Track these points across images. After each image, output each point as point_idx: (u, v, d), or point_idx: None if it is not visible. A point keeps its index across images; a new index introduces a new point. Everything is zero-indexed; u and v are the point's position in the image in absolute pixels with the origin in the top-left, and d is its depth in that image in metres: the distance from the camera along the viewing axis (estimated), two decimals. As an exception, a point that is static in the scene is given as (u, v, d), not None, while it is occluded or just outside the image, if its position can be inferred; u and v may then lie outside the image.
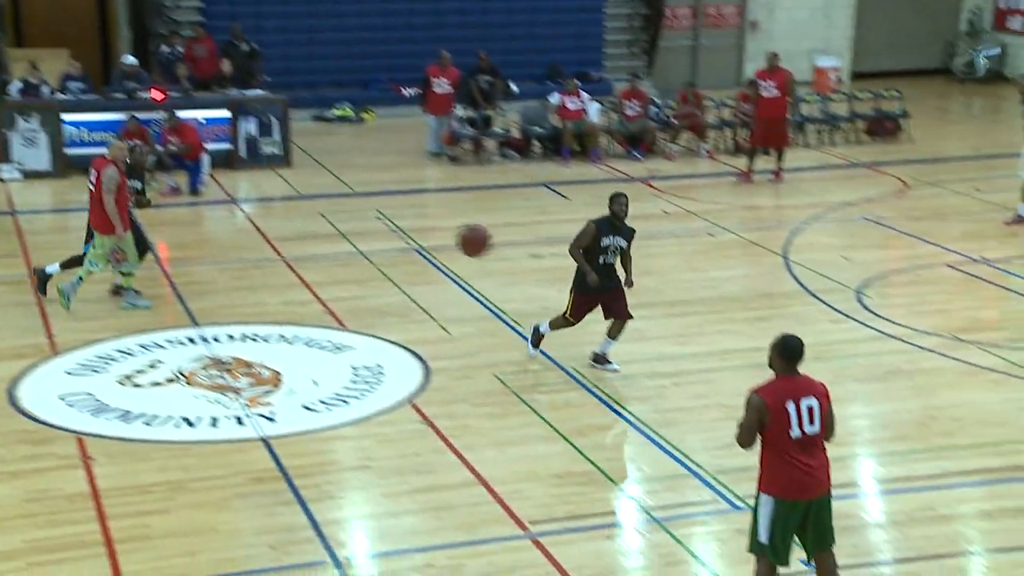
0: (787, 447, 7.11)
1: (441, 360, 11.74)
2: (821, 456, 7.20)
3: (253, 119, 19.61)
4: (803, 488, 7.13)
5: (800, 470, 7.11)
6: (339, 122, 23.30)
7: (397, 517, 8.94)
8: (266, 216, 17.29)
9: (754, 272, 14.38)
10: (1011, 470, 9.46)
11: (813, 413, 7.12)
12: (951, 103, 25.71)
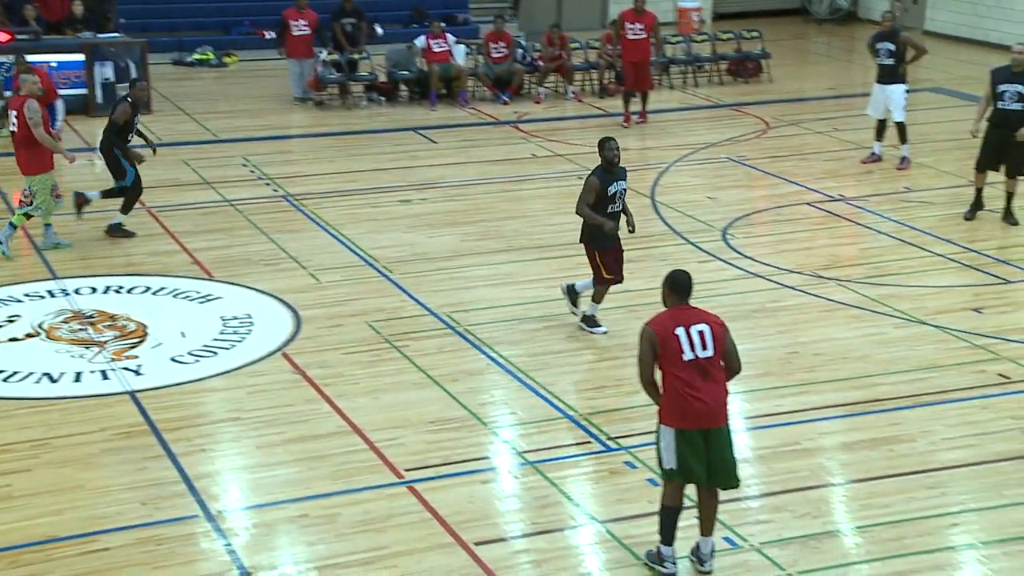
0: (682, 373, 7.19)
1: (311, 309, 11.61)
2: (717, 386, 7.28)
3: (109, 63, 19.00)
4: (698, 417, 7.22)
5: (695, 399, 7.19)
6: (200, 67, 22.72)
7: (270, 468, 8.85)
8: (127, 164, 16.78)
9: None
10: (869, 403, 9.75)
11: (705, 337, 7.22)
12: (809, 44, 26.15)
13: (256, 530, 8.09)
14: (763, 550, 7.77)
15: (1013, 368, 10.28)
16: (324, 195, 15.19)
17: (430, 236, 13.72)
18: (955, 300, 11.79)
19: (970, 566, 7.69)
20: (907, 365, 10.37)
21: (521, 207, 14.79)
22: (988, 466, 8.76)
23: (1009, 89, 13.13)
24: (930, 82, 20.51)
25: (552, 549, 7.84)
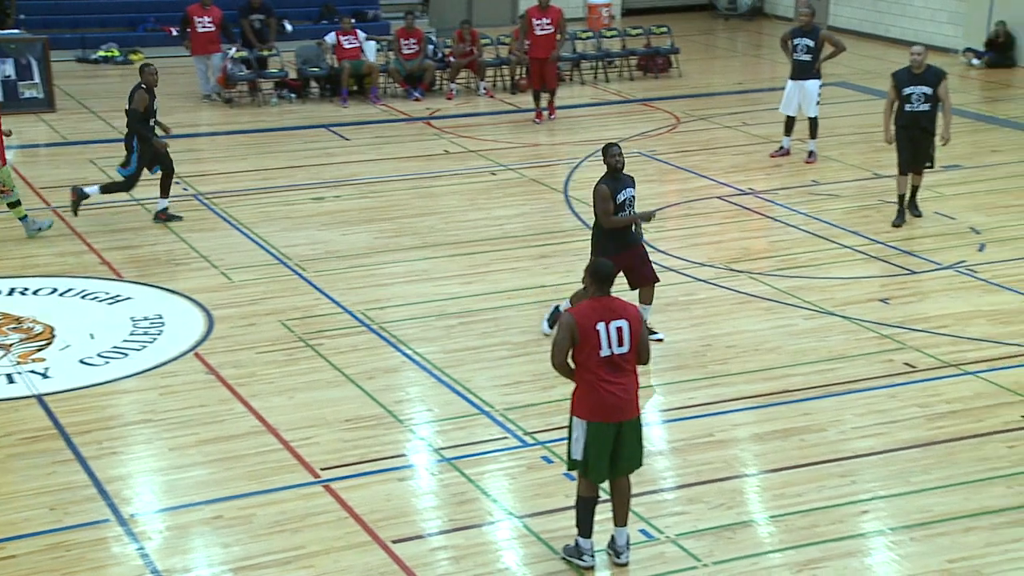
0: (597, 368, 7.24)
1: (224, 308, 11.47)
2: (630, 379, 7.35)
3: (9, 60, 18.60)
4: (611, 411, 7.27)
5: (609, 393, 7.25)
6: (105, 64, 22.33)
7: (184, 470, 8.73)
8: (30, 163, 16.44)
9: (536, 210, 14.52)
10: (780, 394, 9.88)
11: (623, 334, 7.27)
12: (717, 39, 26.42)
13: (170, 533, 7.98)
14: (679, 542, 7.84)
15: (918, 357, 10.49)
16: (235, 193, 15.02)
17: (344, 234, 13.64)
18: (862, 291, 12.00)
19: (880, 552, 7.83)
20: (817, 356, 10.54)
21: (435, 203, 14.76)
22: (895, 454, 8.93)
23: (916, 91, 13.24)
24: (834, 77, 20.81)
25: (470, 545, 7.84)
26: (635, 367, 7.40)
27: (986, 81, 21.41)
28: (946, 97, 13.30)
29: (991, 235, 13.44)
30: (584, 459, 7.35)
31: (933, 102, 13.26)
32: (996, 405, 9.62)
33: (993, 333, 10.93)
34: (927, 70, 13.26)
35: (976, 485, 8.48)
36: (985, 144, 17.25)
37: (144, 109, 13.50)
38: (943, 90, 13.24)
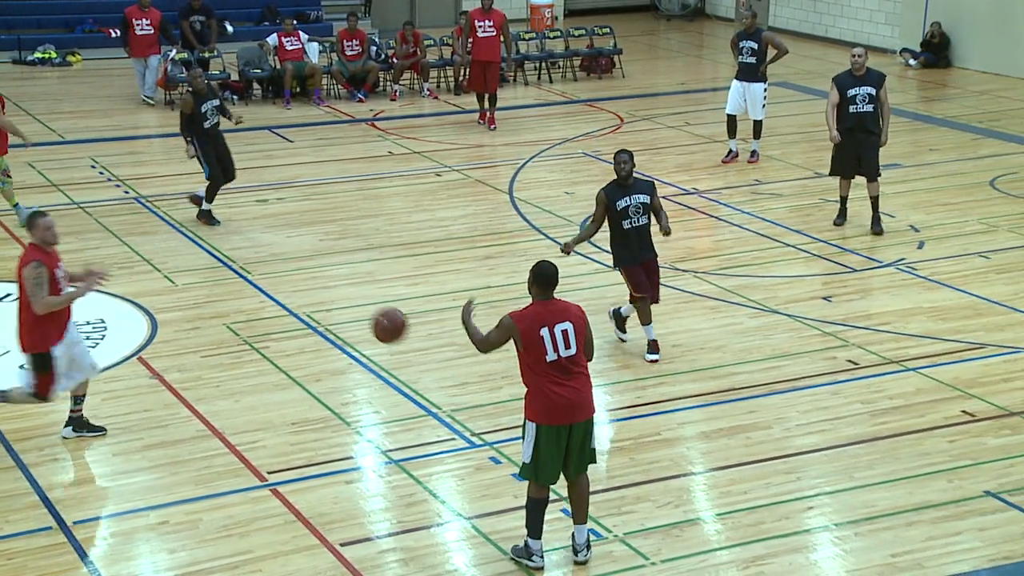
0: (545, 372, 7.27)
1: (168, 312, 11.38)
2: (581, 380, 7.36)
3: (-58, 61, 18.31)
4: (561, 413, 7.29)
5: (559, 396, 7.27)
6: (42, 65, 22.04)
7: (129, 476, 8.65)
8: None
9: (481, 210, 14.53)
10: (726, 392, 9.96)
11: (568, 336, 7.30)
12: (659, 40, 26.57)
13: (114, 539, 7.90)
14: (627, 540, 7.88)
15: (861, 354, 10.61)
16: (178, 196, 14.89)
17: (288, 236, 13.57)
18: (805, 289, 12.12)
19: (825, 547, 7.92)
20: (761, 354, 10.63)
21: (379, 205, 14.72)
22: (840, 450, 9.03)
23: (860, 92, 13.22)
24: (776, 77, 20.96)
25: (418, 547, 7.83)
26: (585, 367, 7.42)
27: (923, 81, 21.71)
28: (886, 99, 13.38)
29: (930, 233, 13.63)
30: (534, 461, 7.36)
31: (875, 103, 13.32)
32: (937, 401, 9.76)
33: (933, 329, 11.09)
34: (868, 72, 13.32)
35: (918, 480, 8.60)
36: (923, 143, 17.50)
37: (190, 111, 13.45)
38: (884, 92, 13.34)
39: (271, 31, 20.61)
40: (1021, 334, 11.00)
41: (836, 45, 23.91)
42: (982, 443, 9.10)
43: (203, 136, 13.50)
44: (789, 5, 25.78)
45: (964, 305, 11.63)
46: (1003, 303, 11.66)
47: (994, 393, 9.86)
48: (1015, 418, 9.47)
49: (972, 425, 9.37)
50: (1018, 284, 12.13)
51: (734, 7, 27.31)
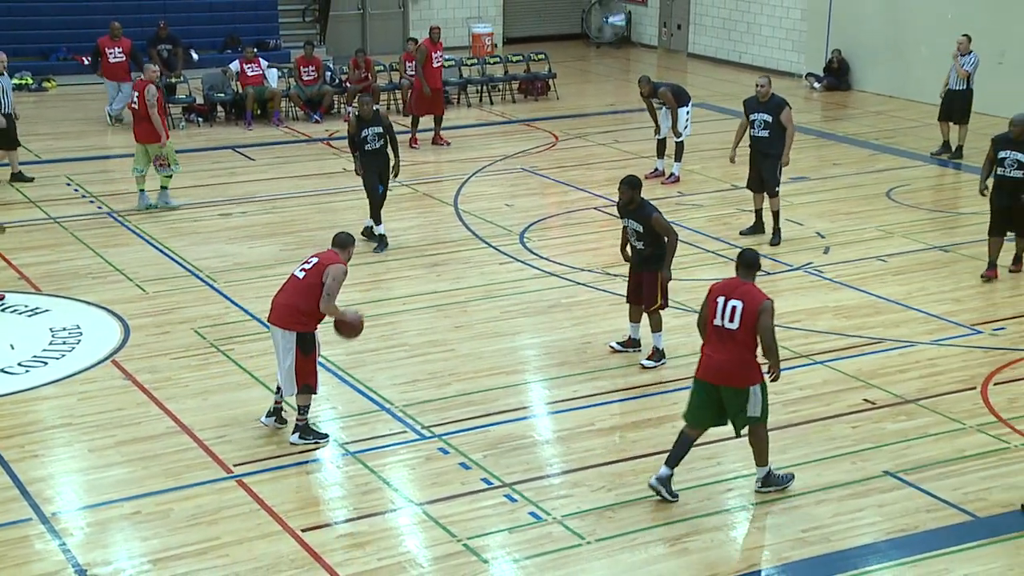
0: (708, 333, 7.95)
1: (140, 318, 11.23)
2: (729, 351, 7.84)
3: (-77, 87, 17.90)
4: (711, 372, 7.92)
5: (708, 356, 7.94)
6: (19, 91, 21.63)
7: (103, 470, 8.53)
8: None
9: (428, 222, 14.49)
10: (653, 385, 10.00)
11: (735, 312, 7.80)
12: (590, 64, 26.63)
13: (90, 529, 7.78)
14: (564, 522, 7.89)
15: (775, 349, 10.69)
16: (148, 211, 14.71)
17: (250, 247, 13.45)
18: (724, 291, 12.18)
19: (742, 525, 7.98)
20: (685, 350, 10.65)
21: (334, 218, 14.61)
22: (756, 436, 9.08)
23: (757, 118, 13.29)
24: (696, 99, 21.16)
25: (374, 532, 7.79)
26: (737, 344, 7.81)
27: (826, 102, 21.95)
28: (788, 124, 13.24)
29: (834, 239, 13.78)
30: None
31: (773, 129, 13.21)
32: (841, 391, 9.86)
33: (838, 326, 11.21)
34: (771, 99, 13.28)
35: (826, 462, 8.69)
36: (827, 158, 17.69)
37: (351, 135, 13.20)
38: (784, 117, 13.19)
39: (233, 58, 20.43)
40: (915, 329, 11.15)
41: (748, 69, 24.13)
42: (882, 428, 9.21)
43: (364, 156, 13.13)
44: (706, 34, 25.98)
45: (865, 304, 11.77)
46: (899, 302, 11.81)
47: (892, 383, 9.99)
48: (910, 405, 9.60)
49: (873, 412, 9.48)
50: (912, 284, 12.30)
51: (657, 35, 27.47)
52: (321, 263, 8.70)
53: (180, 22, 21.97)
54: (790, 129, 13.33)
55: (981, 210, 14.78)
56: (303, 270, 8.74)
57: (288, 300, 8.70)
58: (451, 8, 27.02)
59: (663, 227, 10.03)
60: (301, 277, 8.70)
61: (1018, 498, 8.09)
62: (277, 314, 8.73)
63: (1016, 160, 12.16)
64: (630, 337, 10.57)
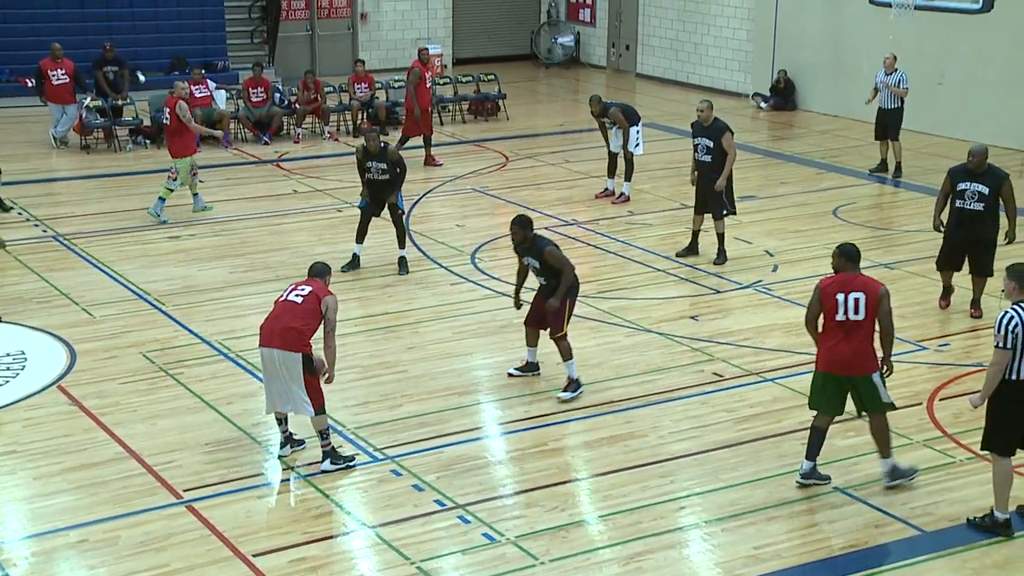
0: (828, 328, 8.23)
1: (86, 343, 11.08)
2: (857, 342, 8.18)
3: None
4: (837, 365, 8.25)
5: (832, 350, 8.24)
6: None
7: (49, 498, 8.39)
8: None
9: (379, 243, 14.40)
10: (606, 404, 10.02)
11: (859, 304, 8.14)
12: (539, 85, 26.75)
13: (35, 558, 7.65)
14: (518, 543, 7.87)
15: (725, 367, 10.77)
16: (94, 234, 14.55)
17: (200, 269, 13.33)
18: (675, 310, 12.27)
19: (696, 543, 8.00)
20: (637, 369, 10.72)
21: (285, 239, 14.54)
22: (708, 454, 9.14)
23: (700, 142, 13.24)
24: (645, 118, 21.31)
25: (326, 555, 7.73)
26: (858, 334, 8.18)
27: (772, 122, 22.20)
28: (729, 149, 13.16)
29: (783, 257, 13.91)
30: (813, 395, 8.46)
31: (715, 154, 13.13)
32: (791, 407, 9.94)
33: (788, 344, 11.31)
34: (712, 124, 13.18)
35: (777, 479, 8.74)
36: (774, 177, 17.87)
37: (358, 159, 13.28)
38: (725, 142, 13.11)
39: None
40: (864, 346, 11.25)
41: (696, 89, 24.35)
42: (831, 444, 9.25)
43: (369, 185, 13.16)
44: (654, 54, 26.19)
45: (814, 321, 11.86)
46: (848, 319, 11.92)
47: (842, 399, 10.07)
48: (858, 421, 9.67)
49: (823, 428, 9.55)
50: (860, 301, 12.42)
51: (606, 56, 27.65)
52: (315, 293, 8.73)
53: (126, 43, 21.76)
54: (731, 155, 13.20)
55: (923, 228, 15.02)
56: (299, 295, 8.73)
57: (291, 324, 8.61)
58: (400, 29, 27.05)
59: (557, 259, 9.90)
60: (299, 302, 8.69)
61: (964, 511, 8.19)
62: (281, 339, 8.59)
63: (977, 192, 11.59)
64: (527, 362, 10.45)
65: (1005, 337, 7.62)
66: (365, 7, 26.68)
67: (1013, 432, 7.81)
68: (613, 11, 27.22)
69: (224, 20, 24.42)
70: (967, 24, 19.60)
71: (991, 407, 7.86)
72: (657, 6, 25.84)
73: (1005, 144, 19.00)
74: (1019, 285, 7.78)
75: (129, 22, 23.35)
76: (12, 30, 22.63)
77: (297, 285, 8.90)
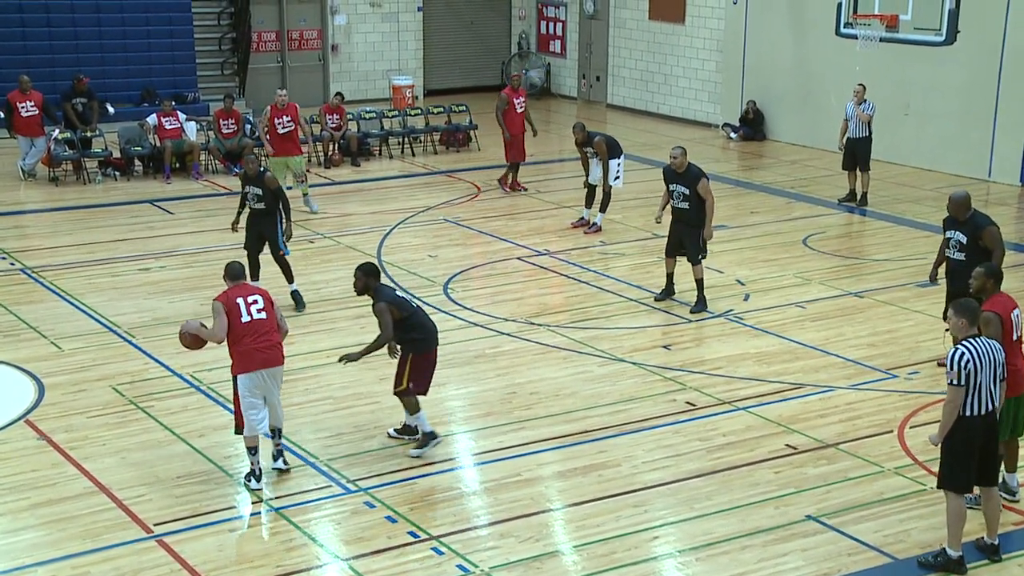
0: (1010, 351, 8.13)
1: (55, 376, 11.01)
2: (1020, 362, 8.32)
3: None
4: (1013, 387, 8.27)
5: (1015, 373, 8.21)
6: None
7: (16, 534, 8.31)
8: None
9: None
10: (580, 434, 10.04)
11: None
12: (511, 117, 26.87)
13: (5, 596, 7.56)
14: (492, 574, 7.85)
15: (698, 396, 10.82)
16: (63, 266, 14.47)
17: (171, 301, 13.27)
18: (648, 339, 12.32)
19: (670, 573, 8.01)
20: (610, 398, 10.75)
21: (256, 271, 14.49)
22: (681, 483, 9.16)
23: (676, 189, 13.01)
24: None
25: (300, 589, 7.68)
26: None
27: (742, 152, 22.39)
28: (707, 195, 12.87)
29: (754, 286, 14.01)
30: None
31: (692, 200, 12.87)
32: (764, 436, 9.99)
33: (759, 372, 11.37)
34: (687, 170, 12.91)
35: (750, 508, 8.78)
36: (745, 206, 18.01)
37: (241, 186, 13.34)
38: (701, 189, 12.84)
39: (151, 111, 20.26)
40: (833, 375, 11.35)
41: (666, 120, 24.55)
42: (803, 473, 9.34)
43: (248, 215, 13.09)
44: (624, 85, 26.39)
45: (785, 350, 11.96)
46: (817, 347, 12.03)
47: (812, 428, 10.15)
48: (830, 449, 9.76)
49: (794, 457, 9.61)
50: (829, 330, 12.54)
51: (576, 87, 27.83)
52: (266, 296, 9.19)
53: (95, 75, 21.70)
54: (710, 201, 12.90)
55: (891, 256, 15.19)
56: (262, 311, 9.04)
57: (275, 338, 9.09)
58: (371, 61, 27.15)
59: (376, 313, 9.47)
60: (268, 317, 9.06)
61: (936, 539, 8.24)
62: (279, 353, 9.12)
63: (958, 241, 10.80)
64: (404, 424, 9.86)
65: (959, 374, 7.65)
66: (336, 39, 26.77)
67: (969, 469, 7.85)
68: (583, 42, 27.43)
69: (194, 52, 24.42)
70: (931, 55, 19.89)
71: (945, 445, 7.85)
72: (627, 38, 26.07)
73: (968, 174, 19.29)
74: (969, 321, 7.77)
75: (98, 54, 23.30)
76: (-20, 62, 22.55)
77: (245, 298, 9.03)
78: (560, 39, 28.13)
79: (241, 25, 25.04)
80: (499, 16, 29.00)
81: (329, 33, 26.66)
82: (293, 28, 26.39)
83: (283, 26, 26.23)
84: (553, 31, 28.39)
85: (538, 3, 28.56)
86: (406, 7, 27.37)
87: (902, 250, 15.52)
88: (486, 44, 28.86)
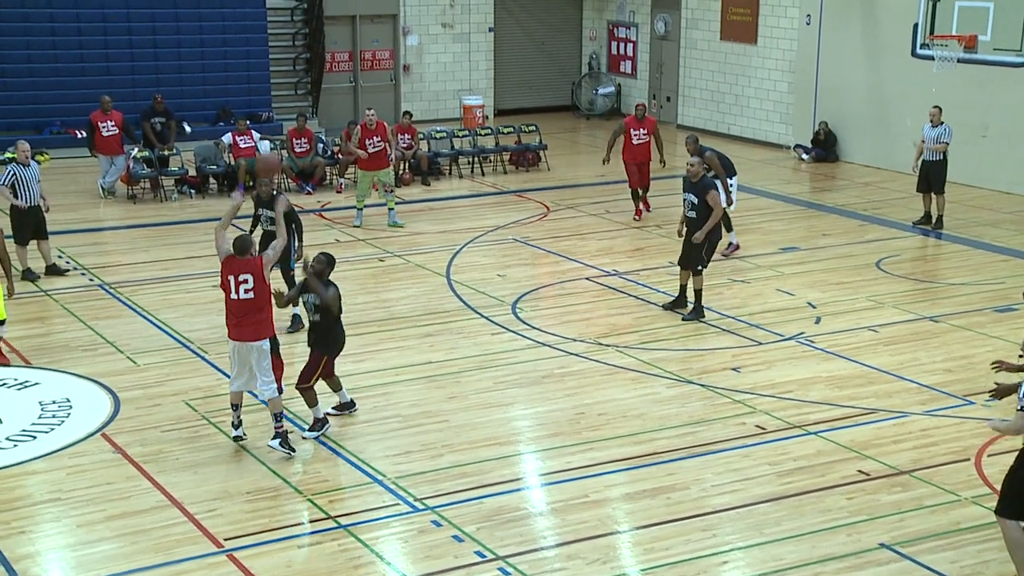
0: None
1: (130, 390, 11.18)
2: None
3: (-81, 162, 18.00)
4: None
5: None
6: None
7: (92, 545, 8.43)
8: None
9: (421, 292, 14.50)
10: (648, 456, 9.96)
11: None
12: (580, 136, 26.88)
13: (79, 607, 7.67)
14: (560, 595, 7.80)
15: (767, 420, 10.69)
16: (140, 283, 14.72)
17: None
18: (717, 361, 12.21)
19: (741, 598, 7.90)
20: (679, 421, 10.66)
21: (327, 289, 14.61)
22: (750, 508, 9.05)
23: (687, 197, 13.20)
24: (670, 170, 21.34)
25: (367, 607, 7.70)
26: None
27: (814, 173, 22.15)
28: (715, 206, 13.07)
29: (825, 309, 13.82)
30: None
31: (700, 210, 13.03)
32: (835, 461, 9.83)
33: (831, 396, 11.20)
34: (700, 180, 13.10)
35: (821, 534, 8.63)
36: (817, 228, 17.80)
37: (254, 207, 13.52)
38: (711, 200, 13.02)
39: (226, 130, 20.58)
40: (907, 400, 11.15)
41: (737, 141, 24.38)
42: (876, 499, 9.17)
43: (262, 235, 13.19)
44: (695, 106, 26.28)
45: (857, 374, 11.77)
46: (891, 372, 11.82)
47: (886, 454, 9.97)
48: (904, 476, 9.57)
49: (867, 483, 9.44)
50: (903, 355, 12.32)
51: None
52: (256, 266, 9.89)
53: (173, 95, 22.13)
54: (716, 211, 13.11)
55: (967, 281, 14.90)
56: (249, 291, 9.79)
57: (253, 319, 9.78)
58: (442, 81, 27.33)
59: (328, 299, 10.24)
60: (252, 297, 9.80)
61: (1014, 571, 8.02)
62: (252, 331, 9.81)
63: None
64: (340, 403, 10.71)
65: None
66: (408, 59, 27.00)
67: None
68: (654, 63, 27.37)
69: (269, 72, 24.79)
70: (1010, 76, 19.52)
71: (1012, 471, 7.70)
72: (698, 58, 25.96)
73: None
74: None
75: (177, 74, 23.76)
76: (63, 83, 23.07)
77: (236, 277, 9.87)
78: (631, 59, 28.09)
79: (315, 46, 25.37)
80: (570, 37, 29.06)
81: (401, 53, 26.90)
82: (366, 48, 26.65)
83: (356, 47, 26.51)
84: (624, 51, 28.37)
85: (609, 24, 28.57)
86: (478, 28, 27.53)
87: (979, 274, 15.22)
88: (557, 64, 28.92)
